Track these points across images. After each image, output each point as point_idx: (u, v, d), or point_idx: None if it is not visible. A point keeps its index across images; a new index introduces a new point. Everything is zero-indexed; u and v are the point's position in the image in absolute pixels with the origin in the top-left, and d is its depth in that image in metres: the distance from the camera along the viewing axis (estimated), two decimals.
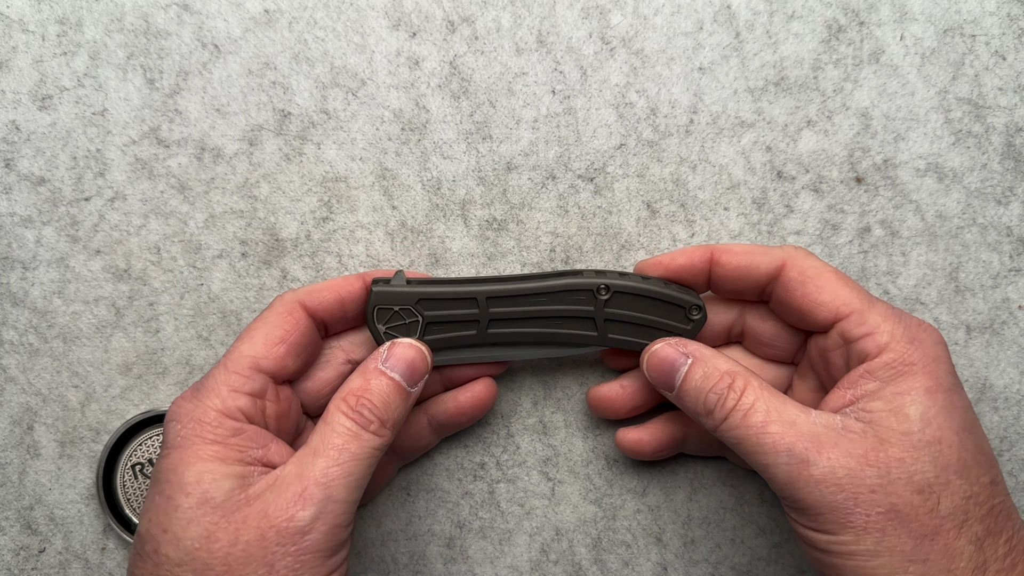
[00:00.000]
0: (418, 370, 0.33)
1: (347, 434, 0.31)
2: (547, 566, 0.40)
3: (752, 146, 0.39)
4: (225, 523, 0.29)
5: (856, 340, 0.32)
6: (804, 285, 0.33)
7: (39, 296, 0.39)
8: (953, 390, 0.31)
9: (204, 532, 0.29)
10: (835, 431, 0.30)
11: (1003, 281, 0.39)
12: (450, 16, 0.39)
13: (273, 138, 0.39)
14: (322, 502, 0.29)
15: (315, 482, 0.29)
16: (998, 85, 0.39)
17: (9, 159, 0.39)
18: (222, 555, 0.29)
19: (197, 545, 0.29)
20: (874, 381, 0.31)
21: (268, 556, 0.29)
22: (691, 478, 0.40)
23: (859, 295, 0.33)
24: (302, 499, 0.29)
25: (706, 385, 0.33)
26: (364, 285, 0.35)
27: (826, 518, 0.30)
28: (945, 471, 0.29)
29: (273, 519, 0.29)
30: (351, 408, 0.31)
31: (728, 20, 0.38)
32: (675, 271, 0.35)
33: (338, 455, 0.30)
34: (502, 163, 0.39)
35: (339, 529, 0.30)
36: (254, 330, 0.33)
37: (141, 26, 0.38)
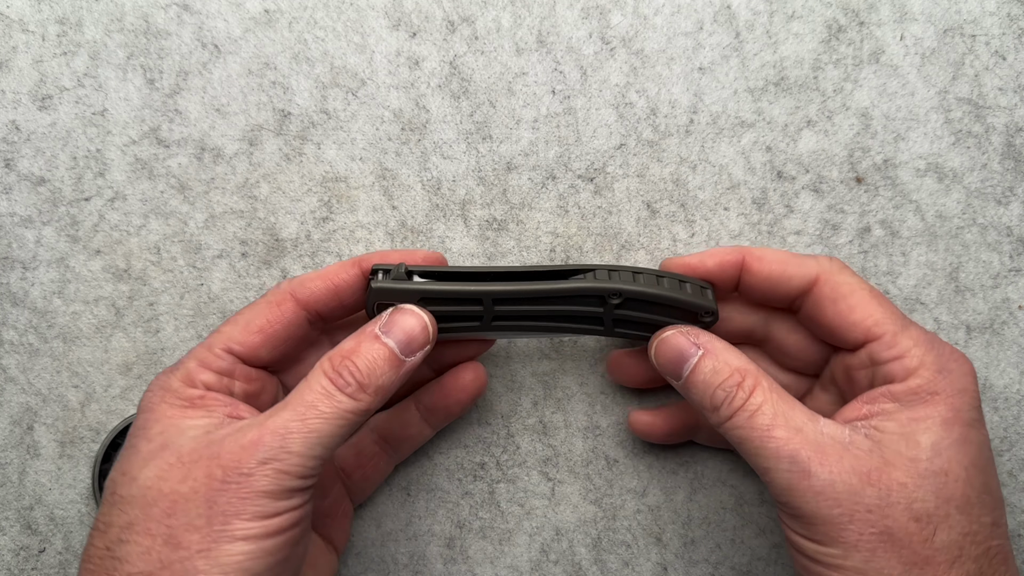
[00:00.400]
0: (416, 340, 0.32)
1: (320, 392, 0.30)
2: (547, 566, 0.40)
3: (752, 146, 0.39)
4: (179, 465, 0.29)
5: (885, 363, 0.31)
6: (836, 303, 0.32)
7: (39, 296, 0.39)
8: (972, 425, 0.30)
9: (157, 472, 0.29)
10: (841, 443, 0.30)
11: (1003, 281, 0.39)
12: (450, 16, 0.39)
13: (273, 138, 0.39)
14: (274, 450, 0.29)
15: (272, 431, 0.29)
16: (998, 85, 0.39)
17: (9, 159, 0.39)
18: (169, 491, 0.29)
19: (148, 484, 0.29)
20: (893, 403, 0.31)
21: (211, 493, 0.28)
22: (691, 478, 0.40)
23: (892, 316, 0.32)
24: (254, 445, 0.29)
25: (715, 380, 0.32)
26: (360, 272, 0.34)
27: (819, 529, 0.29)
28: (947, 504, 0.29)
29: (222, 459, 0.29)
30: (332, 368, 0.31)
31: (728, 20, 0.38)
32: (704, 275, 0.34)
33: (304, 411, 0.30)
34: (502, 163, 0.39)
35: (288, 478, 0.29)
36: (241, 314, 0.34)
37: (141, 26, 0.38)
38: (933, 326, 0.39)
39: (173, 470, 0.29)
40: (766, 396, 0.31)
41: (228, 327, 0.33)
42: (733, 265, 0.34)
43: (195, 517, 0.28)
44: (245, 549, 0.28)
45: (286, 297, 0.33)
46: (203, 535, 0.28)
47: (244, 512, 0.28)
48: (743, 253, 0.34)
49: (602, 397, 0.40)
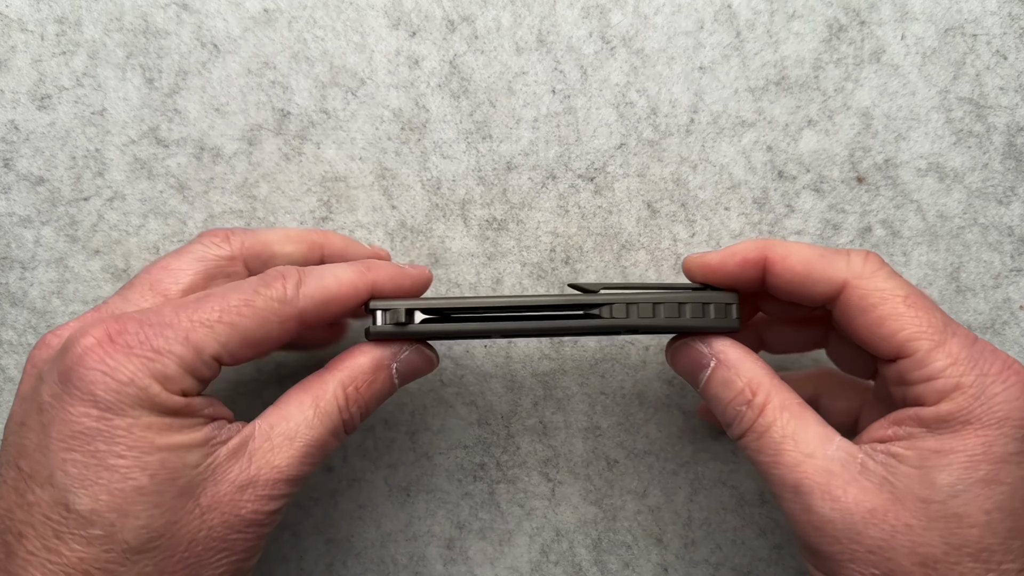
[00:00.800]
0: (413, 377, 0.33)
1: (332, 432, 0.30)
2: (547, 567, 0.40)
3: (753, 146, 0.39)
4: (194, 507, 0.27)
5: (914, 384, 0.28)
6: (866, 313, 0.29)
7: (38, 296, 0.39)
8: (1006, 461, 0.26)
9: (173, 517, 0.27)
10: (851, 471, 0.28)
11: (1004, 281, 0.39)
12: (450, 15, 0.38)
13: (272, 138, 0.39)
14: (287, 497, 0.29)
15: (287, 479, 0.29)
16: (999, 85, 0.38)
17: (8, 159, 0.39)
18: (187, 541, 0.27)
19: (163, 532, 0.26)
20: (920, 427, 0.28)
21: (228, 543, 0.28)
22: (692, 479, 0.40)
23: (929, 328, 0.28)
24: (269, 495, 0.28)
25: (726, 395, 0.30)
26: (369, 293, 0.31)
27: (822, 562, 0.28)
28: (957, 551, 0.26)
29: (239, 508, 0.28)
30: (347, 405, 0.30)
31: (729, 19, 0.38)
32: (724, 278, 0.31)
33: (315, 453, 0.29)
34: (502, 163, 0.39)
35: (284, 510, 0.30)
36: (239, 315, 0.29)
37: (140, 25, 0.38)
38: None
39: (189, 516, 0.27)
40: (776, 415, 0.29)
41: (223, 329, 0.28)
42: (756, 264, 0.31)
43: (214, 566, 0.28)
44: None
45: (293, 315, 0.30)
46: None
47: (254, 556, 0.29)
48: (766, 250, 0.31)
49: (602, 398, 0.40)
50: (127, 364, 0.26)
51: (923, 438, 0.27)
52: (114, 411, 0.26)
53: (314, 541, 0.40)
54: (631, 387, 0.40)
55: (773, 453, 0.29)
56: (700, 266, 0.32)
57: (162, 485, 0.26)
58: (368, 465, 0.40)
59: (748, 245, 0.31)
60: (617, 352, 0.40)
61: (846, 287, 0.29)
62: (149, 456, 0.26)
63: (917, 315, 0.28)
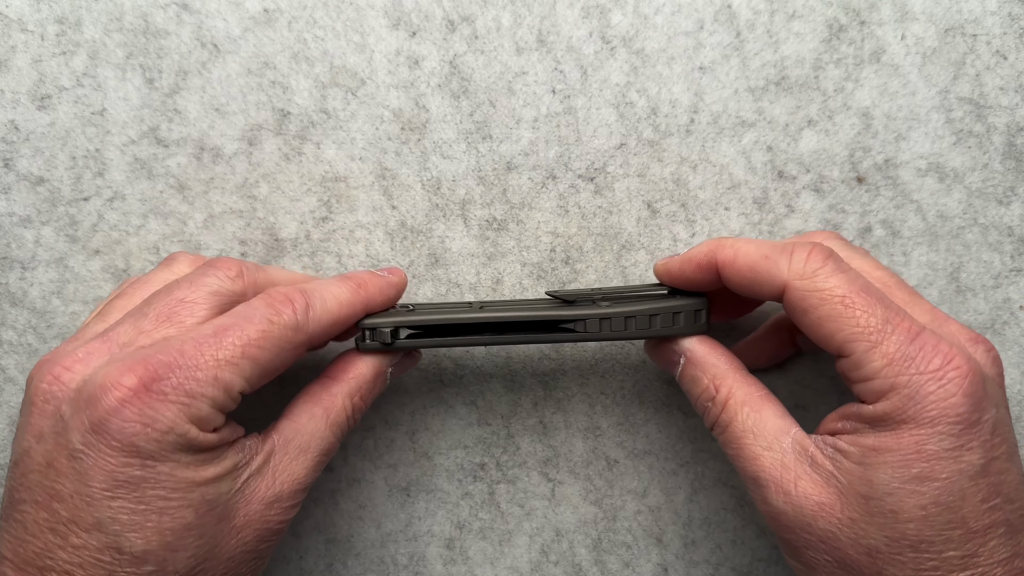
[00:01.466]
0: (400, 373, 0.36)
1: (338, 436, 0.33)
2: (547, 567, 0.40)
3: (753, 146, 0.39)
4: (230, 528, 0.29)
5: (854, 383, 0.29)
6: (806, 315, 0.29)
7: (38, 296, 0.39)
8: (940, 458, 0.27)
9: (213, 542, 0.29)
10: (803, 465, 0.29)
11: (1004, 281, 0.39)
12: (450, 15, 0.38)
13: (272, 138, 0.39)
14: (298, 506, 0.32)
15: (302, 488, 0.31)
16: (999, 85, 0.38)
17: (8, 159, 0.39)
18: (226, 558, 0.29)
19: (205, 554, 0.29)
20: (861, 423, 0.29)
21: (259, 552, 0.31)
22: (692, 479, 0.40)
23: (866, 329, 0.28)
24: (287, 506, 0.31)
25: (694, 391, 0.33)
26: (364, 308, 0.33)
27: (784, 544, 0.30)
28: (897, 543, 0.28)
29: (266, 520, 0.30)
30: (354, 413, 0.33)
31: (729, 19, 0.38)
32: (685, 285, 0.33)
33: (324, 460, 0.32)
34: (502, 163, 0.39)
35: None
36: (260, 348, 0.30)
37: (140, 25, 0.38)
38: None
39: (228, 537, 0.30)
40: (737, 410, 0.31)
41: (247, 364, 0.29)
42: (709, 268, 0.32)
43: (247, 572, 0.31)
44: None
45: (303, 342, 0.31)
46: None
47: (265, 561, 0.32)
48: (716, 252, 0.32)
49: (602, 398, 0.40)
50: (165, 413, 0.27)
51: (865, 434, 0.28)
52: (156, 458, 0.27)
53: (314, 541, 0.40)
54: (631, 387, 0.40)
55: (736, 447, 0.31)
56: (664, 273, 0.34)
57: (205, 517, 0.28)
58: (368, 465, 0.40)
59: (701, 249, 0.32)
60: (617, 352, 0.40)
61: (786, 289, 0.30)
62: (191, 494, 0.28)
63: (854, 315, 0.28)
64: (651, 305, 0.33)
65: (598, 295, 0.34)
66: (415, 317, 0.34)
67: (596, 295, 0.34)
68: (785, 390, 0.39)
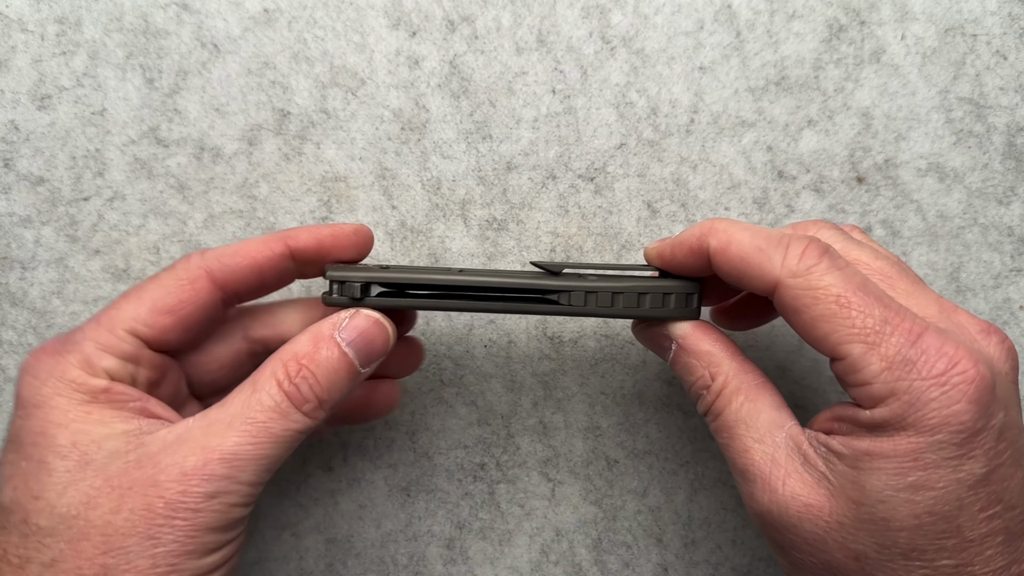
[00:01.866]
0: (375, 351, 0.29)
1: (274, 409, 0.27)
2: (547, 567, 0.40)
3: (753, 146, 0.39)
4: (108, 488, 0.26)
5: (851, 387, 0.27)
6: (799, 314, 0.27)
7: (38, 296, 0.39)
8: (938, 467, 0.26)
9: (83, 498, 0.26)
10: (794, 462, 0.28)
11: (1004, 281, 0.39)
12: (450, 15, 0.38)
13: (272, 138, 0.39)
14: (223, 481, 0.26)
15: (220, 457, 0.26)
16: (999, 85, 0.38)
17: (8, 159, 0.39)
18: (101, 523, 0.26)
19: (74, 512, 0.26)
20: (855, 426, 0.27)
21: (153, 529, 0.26)
22: (692, 479, 0.40)
23: (863, 330, 0.26)
24: (200, 475, 0.26)
25: (688, 379, 0.31)
26: (286, 249, 0.31)
27: (770, 541, 0.29)
28: (888, 551, 0.26)
29: (163, 490, 0.26)
30: (288, 378, 0.28)
31: (729, 19, 0.38)
32: (676, 269, 0.31)
33: (256, 433, 0.27)
34: (502, 163, 0.39)
35: (237, 509, 0.27)
36: (144, 290, 0.30)
37: (140, 25, 0.38)
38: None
39: (102, 496, 0.26)
40: (731, 399, 0.29)
41: (129, 305, 0.29)
42: (703, 254, 0.30)
43: (136, 556, 0.25)
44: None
45: (200, 275, 0.30)
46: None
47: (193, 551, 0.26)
48: (708, 237, 0.29)
49: (602, 398, 0.40)
50: (46, 361, 0.28)
51: (860, 437, 0.27)
52: (35, 404, 0.27)
53: (314, 541, 0.40)
54: (631, 387, 0.40)
55: (727, 436, 0.29)
56: (656, 257, 0.32)
57: (72, 466, 0.26)
58: (368, 465, 0.40)
59: (693, 232, 0.30)
60: (617, 352, 0.40)
61: (777, 287, 0.28)
62: (59, 438, 0.27)
63: (850, 315, 0.26)
64: (641, 283, 0.31)
65: (587, 267, 0.33)
66: (388, 274, 0.30)
67: (584, 266, 0.33)
68: (785, 389, 0.39)
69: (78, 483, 0.26)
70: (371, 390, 0.35)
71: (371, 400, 0.35)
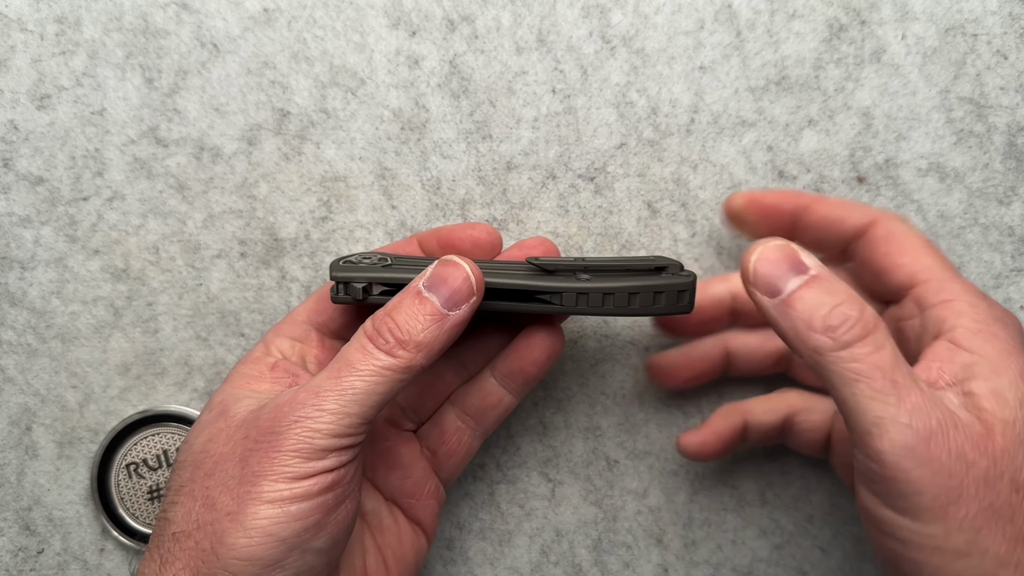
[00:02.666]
0: (460, 292, 0.30)
1: (358, 350, 0.29)
2: (547, 567, 0.40)
3: (753, 145, 0.39)
4: (228, 428, 0.30)
5: (933, 306, 0.29)
6: (888, 243, 0.32)
7: (37, 296, 0.39)
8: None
9: (209, 436, 0.30)
10: (953, 408, 0.27)
11: (1005, 281, 0.39)
12: (450, 15, 0.38)
13: (272, 137, 0.39)
14: (306, 408, 0.28)
15: (307, 389, 0.29)
16: (1000, 84, 0.38)
17: (7, 159, 0.39)
18: (215, 454, 0.29)
19: (199, 448, 0.30)
20: (967, 353, 0.27)
21: (245, 453, 0.28)
22: (692, 479, 0.40)
23: (943, 265, 0.31)
24: (289, 404, 0.28)
25: (832, 300, 0.28)
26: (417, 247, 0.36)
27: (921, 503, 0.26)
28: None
29: (260, 421, 0.29)
30: (372, 326, 0.30)
31: (729, 19, 0.38)
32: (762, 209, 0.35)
33: (340, 368, 0.29)
34: (502, 163, 0.39)
35: (320, 436, 0.28)
36: (312, 294, 0.35)
37: (140, 25, 0.38)
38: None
39: (221, 434, 0.29)
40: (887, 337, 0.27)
41: (303, 304, 0.35)
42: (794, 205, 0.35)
43: (228, 478, 0.28)
44: (271, 513, 0.27)
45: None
46: (233, 496, 0.28)
47: (272, 472, 0.28)
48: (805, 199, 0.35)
49: (602, 398, 0.40)
50: None
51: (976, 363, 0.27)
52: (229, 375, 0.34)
53: None
54: (631, 387, 0.40)
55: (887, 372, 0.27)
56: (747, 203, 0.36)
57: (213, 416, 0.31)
58: None
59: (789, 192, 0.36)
60: (617, 352, 0.40)
61: (874, 223, 0.33)
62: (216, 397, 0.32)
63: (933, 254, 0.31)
64: (632, 283, 0.32)
65: (580, 266, 0.33)
66: (388, 274, 0.32)
67: (579, 266, 0.33)
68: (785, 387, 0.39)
69: (209, 426, 0.30)
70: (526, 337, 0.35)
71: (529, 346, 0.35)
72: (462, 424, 0.36)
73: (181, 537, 0.28)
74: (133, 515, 0.39)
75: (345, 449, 0.29)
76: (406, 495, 0.35)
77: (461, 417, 0.36)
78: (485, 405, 0.36)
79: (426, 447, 0.36)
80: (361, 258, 0.33)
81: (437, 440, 0.36)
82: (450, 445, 0.36)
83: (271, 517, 0.27)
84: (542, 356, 0.35)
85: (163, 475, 0.39)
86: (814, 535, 0.39)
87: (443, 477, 0.37)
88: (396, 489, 0.35)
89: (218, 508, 0.28)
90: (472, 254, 0.34)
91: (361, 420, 0.29)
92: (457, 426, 0.36)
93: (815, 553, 0.39)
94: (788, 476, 0.40)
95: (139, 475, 0.39)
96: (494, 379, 0.36)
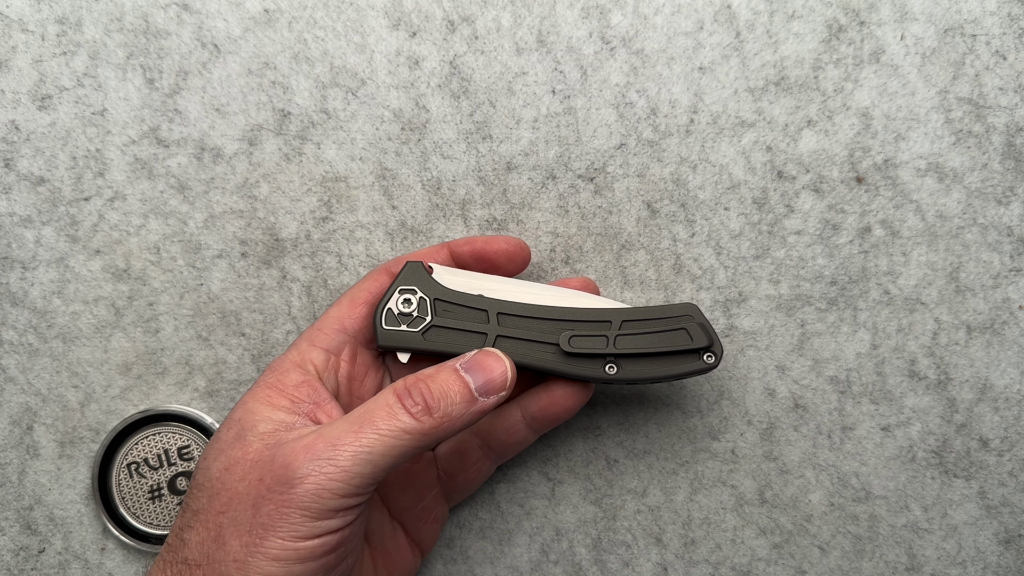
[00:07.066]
0: (494, 383, 0.31)
1: (383, 407, 0.29)
2: (547, 566, 0.40)
3: (752, 146, 0.39)
4: (245, 460, 0.29)
5: None
6: None
7: (39, 296, 0.39)
8: None
9: (225, 464, 0.30)
10: None
11: (1003, 281, 0.39)
12: (450, 16, 0.39)
13: (273, 138, 0.39)
14: (321, 462, 0.28)
15: (326, 441, 0.29)
16: (998, 85, 0.39)
17: (9, 159, 0.39)
18: (230, 487, 0.29)
19: (217, 475, 0.30)
20: None
21: (257, 498, 0.28)
22: (691, 479, 0.40)
23: None
24: (305, 451, 0.28)
25: None
26: (449, 254, 0.36)
27: None
28: None
29: (275, 464, 0.29)
30: (404, 387, 0.30)
31: (728, 20, 0.38)
32: None
33: (362, 425, 0.29)
34: (502, 163, 0.39)
35: (330, 496, 0.28)
36: (344, 294, 0.35)
37: (141, 26, 0.38)
38: (933, 326, 0.39)
39: (237, 466, 0.29)
40: None
41: (334, 308, 0.34)
42: None
43: (239, 521, 0.28)
44: (275, 571, 0.28)
45: (382, 273, 0.35)
46: (242, 543, 0.28)
47: (280, 529, 0.28)
48: None
49: (602, 397, 0.40)
50: None
51: None
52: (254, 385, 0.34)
53: None
54: (631, 387, 0.40)
55: None
56: None
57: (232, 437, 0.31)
58: None
59: None
60: None
61: None
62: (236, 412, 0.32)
63: None
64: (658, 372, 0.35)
65: (611, 357, 0.34)
66: (428, 347, 0.34)
67: (609, 356, 0.34)
68: (785, 389, 0.39)
69: (228, 451, 0.30)
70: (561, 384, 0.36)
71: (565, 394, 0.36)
72: (483, 454, 0.37)
73: (192, 566, 0.29)
74: (134, 514, 0.39)
75: (351, 508, 0.29)
76: (414, 517, 0.36)
77: (483, 447, 0.37)
78: (510, 441, 0.36)
79: (443, 470, 0.37)
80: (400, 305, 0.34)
81: (456, 466, 0.37)
82: (468, 474, 0.37)
83: (274, 575, 0.28)
84: (576, 405, 0.36)
85: (164, 474, 0.39)
86: (813, 534, 0.40)
87: (452, 498, 0.38)
88: (405, 509, 0.36)
89: (227, 550, 0.28)
90: (505, 267, 0.36)
91: (371, 481, 0.29)
92: (478, 456, 0.37)
93: (814, 552, 0.39)
94: (787, 476, 0.40)
95: (140, 474, 0.39)
96: (522, 418, 0.36)
